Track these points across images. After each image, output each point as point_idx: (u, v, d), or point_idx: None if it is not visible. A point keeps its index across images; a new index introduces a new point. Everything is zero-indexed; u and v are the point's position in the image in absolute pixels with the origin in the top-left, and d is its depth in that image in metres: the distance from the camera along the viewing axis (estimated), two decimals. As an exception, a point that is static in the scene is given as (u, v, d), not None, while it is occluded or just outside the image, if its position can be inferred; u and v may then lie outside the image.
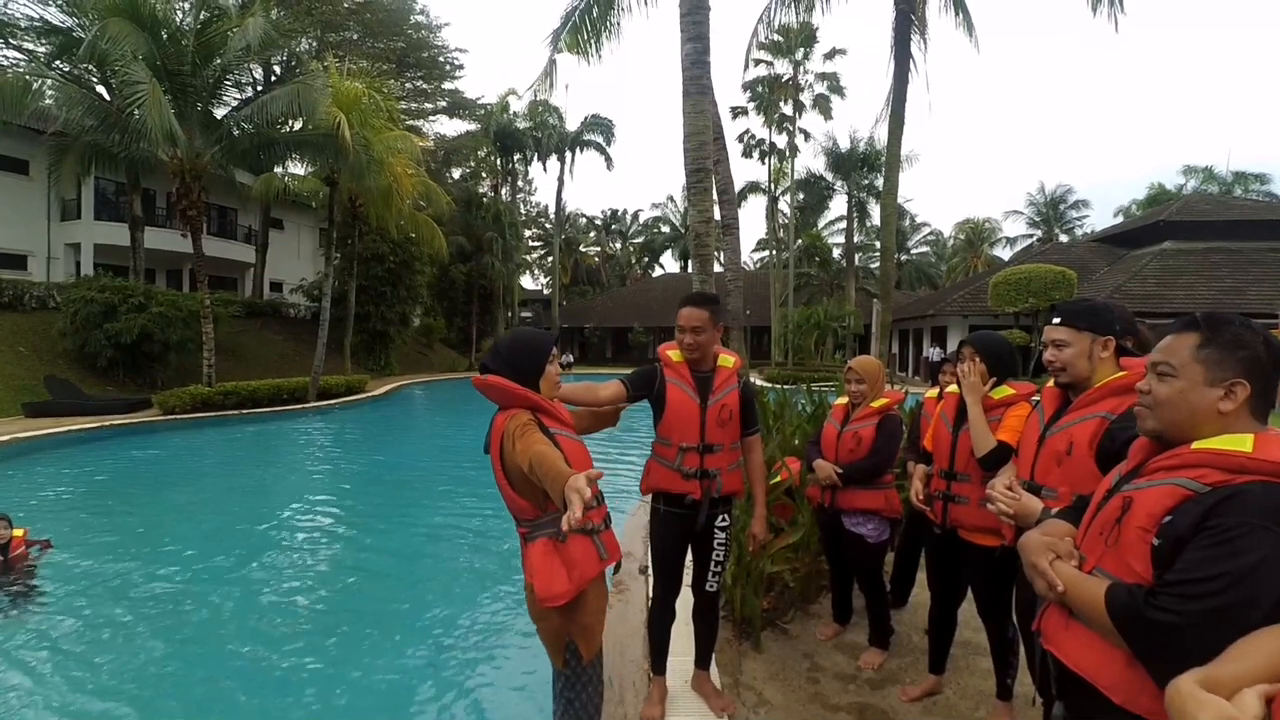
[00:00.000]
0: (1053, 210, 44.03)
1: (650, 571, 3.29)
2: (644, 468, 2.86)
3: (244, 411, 14.52)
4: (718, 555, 2.79)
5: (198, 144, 14.52)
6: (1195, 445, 1.25)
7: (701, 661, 2.97)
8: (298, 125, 16.62)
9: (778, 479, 4.12)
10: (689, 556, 2.89)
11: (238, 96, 19.65)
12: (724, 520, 2.79)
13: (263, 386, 15.64)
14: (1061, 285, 19.03)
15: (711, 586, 2.82)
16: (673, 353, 2.77)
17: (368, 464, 10.58)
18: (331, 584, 5.35)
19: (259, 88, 23.62)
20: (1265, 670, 0.95)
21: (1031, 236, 44.52)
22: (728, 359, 2.81)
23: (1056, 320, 2.08)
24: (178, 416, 13.45)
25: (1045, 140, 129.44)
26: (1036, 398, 2.32)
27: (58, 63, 17.21)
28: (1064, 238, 41.03)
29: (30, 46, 18.79)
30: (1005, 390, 2.62)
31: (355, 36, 31.13)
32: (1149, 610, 1.14)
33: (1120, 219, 38.77)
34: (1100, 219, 71.72)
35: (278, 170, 20.53)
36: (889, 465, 3.31)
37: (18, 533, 5.19)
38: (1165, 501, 1.23)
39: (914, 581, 3.99)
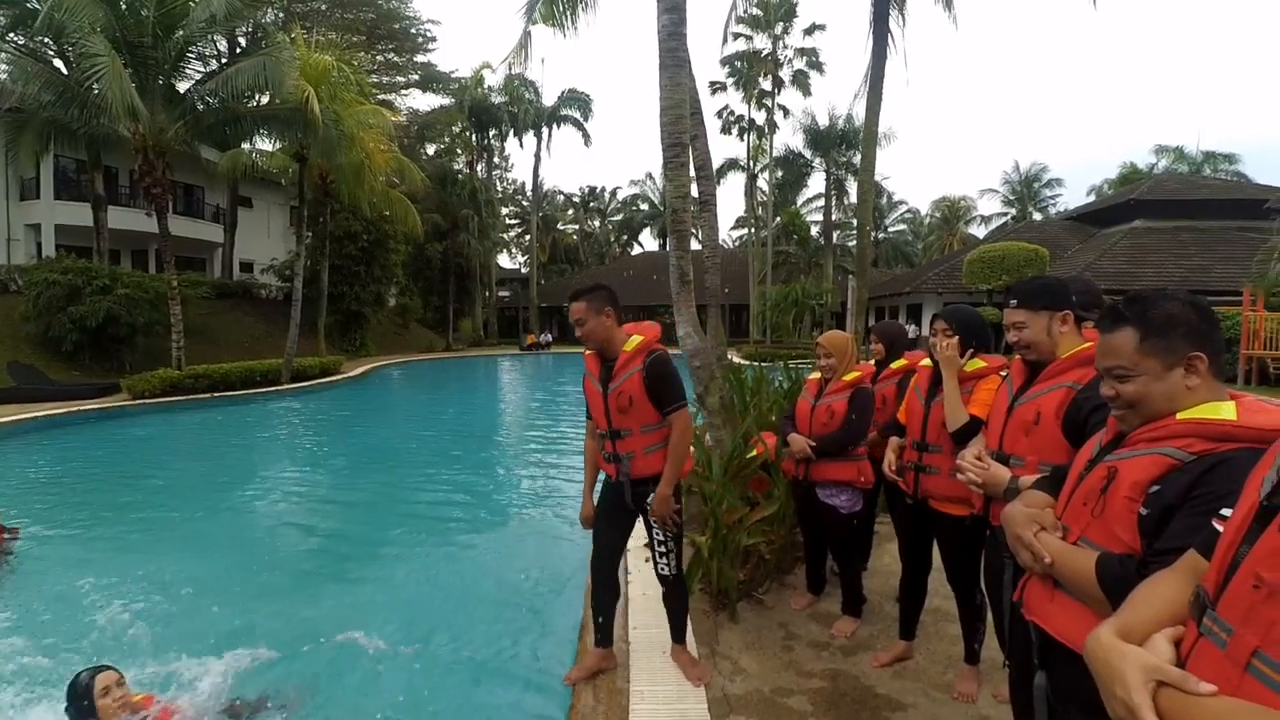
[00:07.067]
0: (1027, 189, 44.48)
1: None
2: None
3: (216, 395, 14.27)
4: (659, 535, 2.84)
5: (160, 119, 14.06)
6: (1180, 416, 1.25)
7: (676, 637, 3.03)
8: (264, 99, 16.17)
9: (754, 454, 4.18)
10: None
11: (201, 70, 19.01)
12: None
13: (234, 369, 15.37)
14: (1034, 263, 19.23)
15: (662, 569, 2.88)
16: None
17: (346, 446, 10.49)
18: (314, 561, 5.32)
19: (223, 60, 22.82)
20: (1168, 614, 1.00)
21: (1006, 215, 44.98)
22: (634, 340, 2.77)
23: (1013, 303, 2.11)
24: (147, 401, 13.19)
25: (1021, 119, 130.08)
26: (1006, 371, 2.36)
27: (11, 35, 16.52)
28: (1038, 216, 41.54)
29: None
30: (977, 363, 2.66)
31: (323, 7, 30.21)
32: (1139, 579, 1.14)
33: (1093, 197, 39.25)
34: (1074, 197, 72.20)
35: (245, 146, 19.93)
36: (861, 437, 3.35)
37: None
38: (1151, 471, 1.23)
39: (871, 543, 4.09)
